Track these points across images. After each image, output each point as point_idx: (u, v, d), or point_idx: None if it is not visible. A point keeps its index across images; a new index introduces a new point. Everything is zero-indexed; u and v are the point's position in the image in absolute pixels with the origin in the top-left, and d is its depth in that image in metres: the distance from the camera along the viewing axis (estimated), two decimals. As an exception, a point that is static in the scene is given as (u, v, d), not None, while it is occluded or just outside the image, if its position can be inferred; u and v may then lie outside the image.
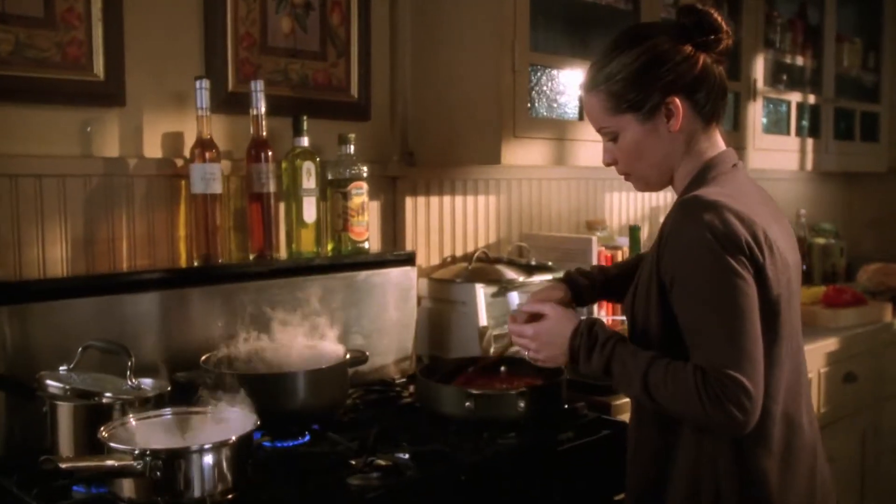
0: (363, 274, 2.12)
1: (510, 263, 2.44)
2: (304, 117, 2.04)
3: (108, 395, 1.43)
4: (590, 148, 2.40)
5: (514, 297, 2.01)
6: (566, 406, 1.84)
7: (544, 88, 2.31)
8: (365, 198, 2.13)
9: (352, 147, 2.14)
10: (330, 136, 2.18)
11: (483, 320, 2.26)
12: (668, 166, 1.57)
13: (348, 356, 1.76)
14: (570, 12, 2.48)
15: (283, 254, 2.04)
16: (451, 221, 2.56)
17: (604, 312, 2.61)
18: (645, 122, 1.53)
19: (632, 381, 1.42)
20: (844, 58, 3.57)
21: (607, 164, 1.64)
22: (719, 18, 1.54)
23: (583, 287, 1.84)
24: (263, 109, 1.96)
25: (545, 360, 1.59)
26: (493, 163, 2.21)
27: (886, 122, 3.78)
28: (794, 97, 3.24)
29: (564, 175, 2.87)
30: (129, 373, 1.47)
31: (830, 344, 2.80)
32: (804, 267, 3.64)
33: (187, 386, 1.62)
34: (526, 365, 1.91)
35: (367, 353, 1.87)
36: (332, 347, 1.78)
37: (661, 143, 1.54)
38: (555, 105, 2.35)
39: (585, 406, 1.87)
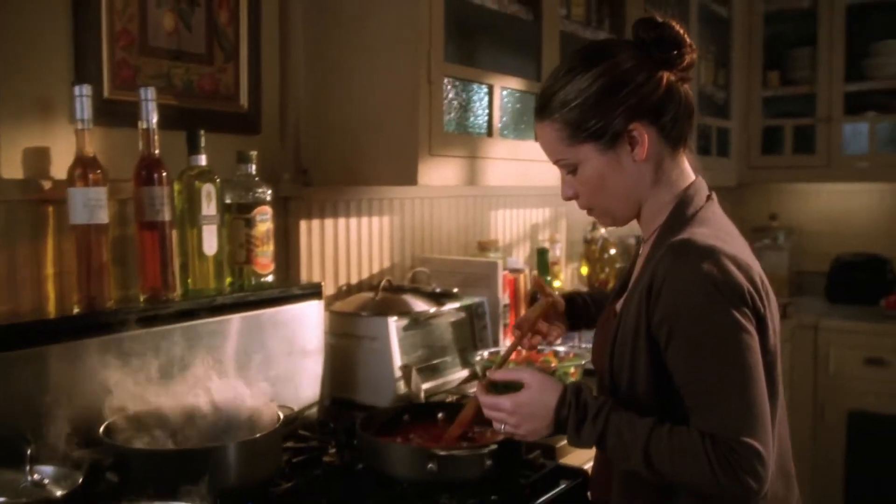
0: (269, 311, 1.84)
1: (415, 292, 2.23)
2: (202, 131, 1.74)
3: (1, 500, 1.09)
4: (499, 166, 2.24)
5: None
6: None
7: (454, 102, 2.13)
8: (269, 224, 1.85)
9: (253, 166, 1.85)
10: (218, 152, 1.88)
11: (397, 358, 2.04)
12: (635, 199, 1.43)
13: (280, 415, 1.49)
14: (471, 21, 2.30)
15: (177, 292, 1.72)
16: (345, 246, 2.31)
17: (507, 342, 2.45)
18: (607, 152, 1.39)
19: (630, 454, 1.28)
20: (702, 74, 3.64)
21: (567, 199, 1.49)
22: (681, 31, 1.40)
23: (580, 310, 1.75)
24: (155, 121, 1.64)
25: (525, 435, 1.39)
26: (408, 183, 1.99)
27: (736, 137, 3.90)
28: (666, 113, 3.24)
29: (452, 193, 2.70)
30: (28, 466, 1.14)
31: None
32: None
33: (89, 468, 1.29)
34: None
35: (294, 409, 1.60)
36: (256, 405, 1.50)
37: (626, 175, 1.40)
38: (466, 120, 2.17)
39: (541, 454, 1.70)
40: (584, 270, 3.15)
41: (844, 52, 3.67)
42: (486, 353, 2.19)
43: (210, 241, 1.72)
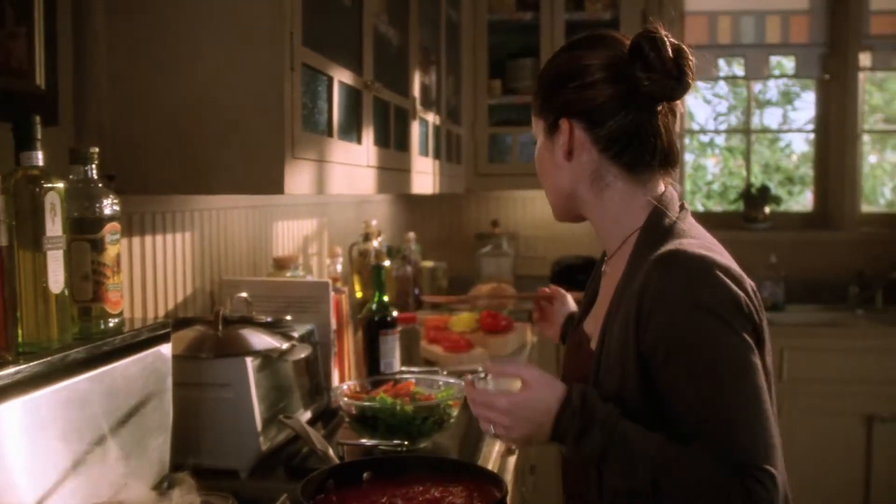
0: (121, 364, 1.36)
1: (249, 323, 1.83)
2: (38, 118, 1.23)
3: None
4: (337, 171, 1.93)
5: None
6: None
7: (305, 94, 1.78)
8: (119, 247, 1.37)
9: (94, 169, 1.36)
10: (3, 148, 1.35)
11: (257, 408, 1.65)
12: (563, 196, 1.40)
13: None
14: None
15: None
16: (152, 269, 1.84)
17: (335, 372, 2.13)
18: (548, 137, 1.39)
19: (635, 472, 1.17)
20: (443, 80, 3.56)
21: None
22: (669, 56, 1.28)
23: None
24: (-18, 102, 1.12)
25: (517, 440, 1.27)
26: (272, 192, 1.62)
27: (465, 143, 3.89)
28: (431, 117, 3.10)
29: (241, 203, 2.30)
30: None
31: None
32: (416, 291, 3.57)
33: None
34: (395, 463, 1.44)
35: (229, 498, 1.18)
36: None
37: (556, 168, 1.38)
38: (312, 118, 1.83)
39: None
40: (358, 287, 2.90)
41: (565, 65, 3.82)
42: (345, 386, 1.88)
43: (57, 274, 1.21)
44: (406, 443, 1.63)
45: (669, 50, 1.27)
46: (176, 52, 1.61)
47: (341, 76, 1.96)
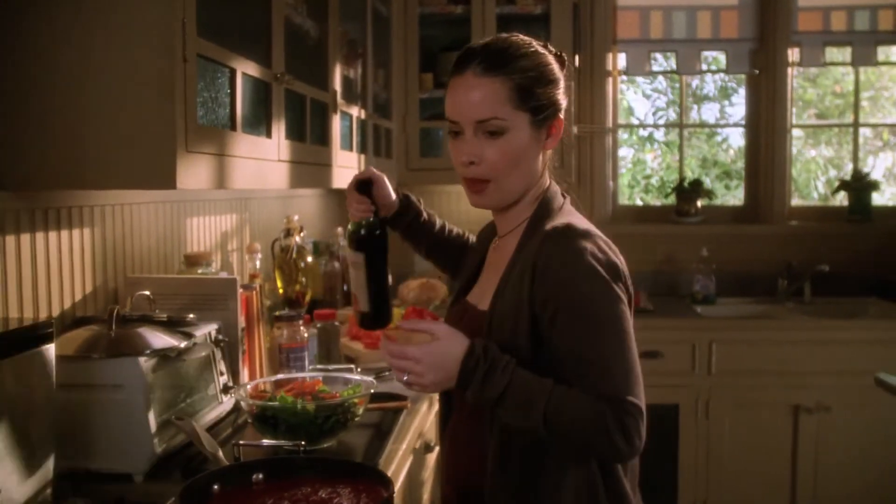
0: (-7, 367, 1.31)
1: (147, 322, 1.78)
2: None
3: None
4: (242, 166, 1.88)
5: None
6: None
7: (202, 86, 1.73)
8: (-10, 245, 1.32)
9: (-39, 163, 1.30)
10: None
11: (152, 408, 1.61)
12: (528, 183, 1.52)
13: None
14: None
15: None
16: (45, 268, 1.78)
17: (246, 371, 2.09)
18: (533, 129, 1.48)
19: (531, 410, 1.34)
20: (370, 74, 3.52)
21: (468, 162, 1.49)
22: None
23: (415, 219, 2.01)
24: None
25: (428, 386, 1.39)
26: (163, 186, 1.57)
27: (396, 138, 3.85)
28: (355, 111, 3.06)
29: (150, 198, 2.24)
30: None
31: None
32: (346, 287, 3.53)
33: None
34: (285, 464, 1.41)
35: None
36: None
37: (536, 158, 1.51)
38: (212, 111, 1.78)
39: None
40: (279, 283, 2.85)
41: (496, 59, 3.80)
42: (248, 386, 1.84)
43: (-86, 274, 1.16)
44: (304, 443, 1.60)
45: None
46: (57, 39, 1.55)
47: (245, 68, 1.92)
